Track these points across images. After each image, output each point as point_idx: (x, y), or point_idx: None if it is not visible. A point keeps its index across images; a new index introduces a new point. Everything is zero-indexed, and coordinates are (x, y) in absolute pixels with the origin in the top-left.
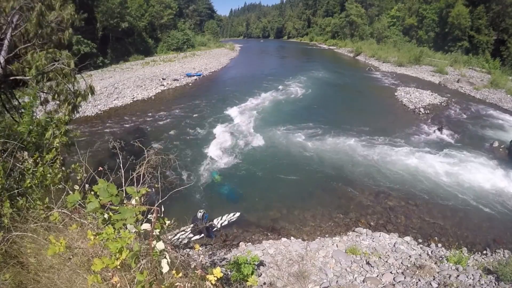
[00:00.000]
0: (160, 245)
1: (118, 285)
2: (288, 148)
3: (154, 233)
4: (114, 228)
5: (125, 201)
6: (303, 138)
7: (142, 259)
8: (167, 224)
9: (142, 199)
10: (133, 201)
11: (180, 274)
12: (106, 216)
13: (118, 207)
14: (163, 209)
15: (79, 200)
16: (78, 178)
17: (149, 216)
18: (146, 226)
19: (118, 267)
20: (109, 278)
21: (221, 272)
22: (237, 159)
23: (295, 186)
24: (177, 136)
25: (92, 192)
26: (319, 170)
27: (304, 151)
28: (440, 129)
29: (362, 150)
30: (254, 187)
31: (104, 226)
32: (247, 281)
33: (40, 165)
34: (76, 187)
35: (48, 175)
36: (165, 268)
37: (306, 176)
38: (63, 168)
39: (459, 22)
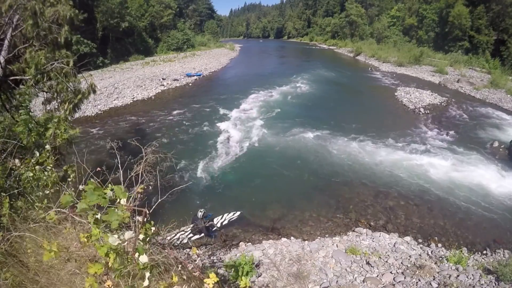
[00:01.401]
0: (143, 259)
1: None
2: (288, 147)
3: (138, 243)
4: (109, 230)
5: (118, 201)
6: (303, 138)
7: (132, 268)
8: (152, 231)
9: (140, 197)
10: (122, 202)
11: (177, 278)
12: (98, 216)
13: (108, 209)
14: (148, 212)
15: (75, 200)
16: (69, 179)
17: (139, 217)
18: (128, 235)
19: (111, 272)
20: (104, 281)
21: (220, 273)
22: (237, 159)
23: (295, 186)
24: (177, 136)
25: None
26: (319, 170)
27: (304, 151)
28: (446, 134)
29: (361, 150)
30: (254, 187)
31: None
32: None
33: (32, 167)
34: (67, 188)
35: (43, 176)
36: (146, 282)
37: (306, 176)
38: (53, 169)
39: (459, 22)
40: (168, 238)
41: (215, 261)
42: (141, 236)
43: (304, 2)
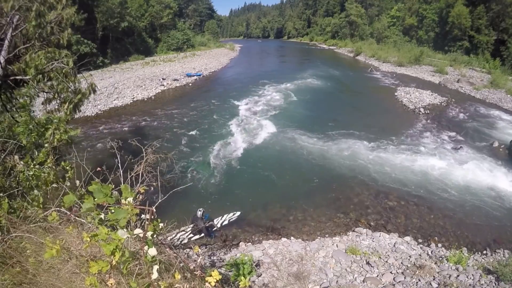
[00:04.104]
0: (152, 251)
1: (114, 287)
2: (288, 148)
3: (147, 237)
4: (113, 228)
5: (122, 201)
6: (303, 138)
7: (135, 265)
8: (160, 227)
9: (141, 197)
10: (129, 200)
11: (179, 276)
12: (102, 216)
13: (113, 208)
14: (154, 211)
15: (76, 200)
16: (67, 175)
17: (142, 216)
18: (138, 231)
19: (114, 270)
20: (106, 280)
21: (220, 273)
22: (237, 159)
23: (295, 186)
24: (177, 136)
25: (88, 193)
26: (319, 169)
27: (304, 151)
28: (446, 135)
29: (362, 150)
30: (254, 187)
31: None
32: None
33: (32, 166)
34: (67, 188)
35: (42, 175)
36: (155, 275)
37: (306, 176)
38: (54, 167)
39: (459, 22)
40: (169, 238)
41: (215, 261)
42: (149, 233)
43: (304, 2)
